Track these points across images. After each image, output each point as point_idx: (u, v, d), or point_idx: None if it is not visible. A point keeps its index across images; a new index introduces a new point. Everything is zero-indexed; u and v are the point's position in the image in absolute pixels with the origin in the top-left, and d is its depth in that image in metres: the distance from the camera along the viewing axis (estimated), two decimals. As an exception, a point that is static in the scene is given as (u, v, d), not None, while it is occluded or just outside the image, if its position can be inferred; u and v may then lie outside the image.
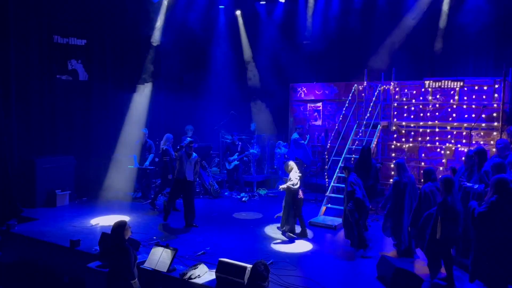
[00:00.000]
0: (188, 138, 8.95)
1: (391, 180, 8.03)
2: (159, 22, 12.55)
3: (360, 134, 10.39)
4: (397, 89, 11.01)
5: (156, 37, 12.55)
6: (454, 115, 10.38)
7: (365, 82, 11.11)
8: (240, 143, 11.62)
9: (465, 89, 10.20)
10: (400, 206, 6.77)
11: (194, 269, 5.89)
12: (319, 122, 12.60)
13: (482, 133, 10.08)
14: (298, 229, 7.92)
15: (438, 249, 5.66)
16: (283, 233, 7.86)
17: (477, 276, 5.27)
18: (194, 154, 8.58)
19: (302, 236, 7.77)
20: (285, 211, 7.84)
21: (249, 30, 14.38)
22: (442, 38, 11.76)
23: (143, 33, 12.27)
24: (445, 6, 11.64)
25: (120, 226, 5.10)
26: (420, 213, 6.13)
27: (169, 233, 7.96)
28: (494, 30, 11.05)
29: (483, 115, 9.89)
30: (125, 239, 5.11)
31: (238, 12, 14.29)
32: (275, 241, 7.55)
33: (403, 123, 10.93)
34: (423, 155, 10.75)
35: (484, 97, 10.07)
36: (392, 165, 9.72)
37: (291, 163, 7.90)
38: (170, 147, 9.90)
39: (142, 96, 12.29)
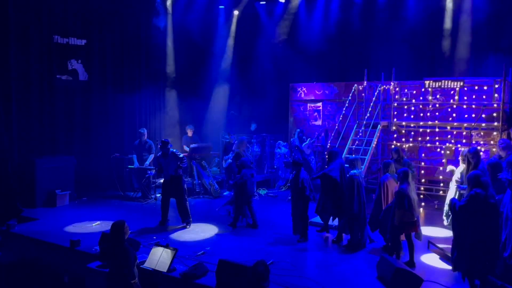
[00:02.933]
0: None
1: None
2: (160, 22, 12.57)
3: (360, 134, 10.39)
4: (397, 89, 11.00)
5: (156, 37, 12.56)
6: (454, 115, 10.38)
7: (365, 82, 11.10)
8: (236, 142, 11.54)
9: (465, 89, 10.19)
10: (351, 199, 7.08)
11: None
12: (319, 122, 12.59)
13: (482, 133, 10.07)
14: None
15: (398, 233, 6.37)
16: None
17: (459, 267, 5.58)
18: (170, 150, 8.43)
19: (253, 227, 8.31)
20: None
21: (249, 30, 14.38)
22: (442, 38, 11.78)
23: (143, 33, 12.27)
24: (446, 6, 11.65)
25: (118, 226, 5.11)
26: (379, 201, 6.95)
27: (169, 233, 7.96)
28: (494, 29, 11.06)
29: (483, 115, 9.88)
30: (124, 239, 5.11)
31: (236, 12, 14.30)
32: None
33: (403, 123, 10.92)
34: (423, 155, 10.74)
35: (484, 97, 10.06)
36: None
37: None
38: (245, 150, 9.47)
39: (142, 96, 12.31)
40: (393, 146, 10.19)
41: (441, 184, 10.23)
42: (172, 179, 8.35)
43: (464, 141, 10.13)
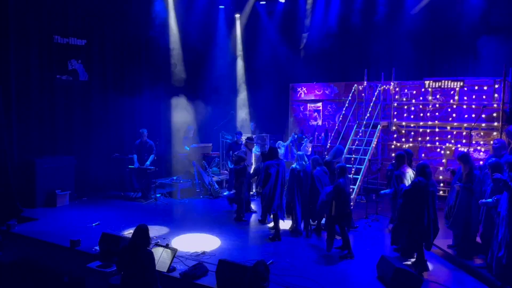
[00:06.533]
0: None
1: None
2: (160, 22, 12.56)
3: (360, 134, 10.40)
4: (397, 89, 11.01)
5: (156, 37, 12.55)
6: (454, 115, 10.39)
7: (365, 82, 11.11)
8: (242, 142, 11.51)
9: (465, 89, 10.20)
10: (292, 189, 7.89)
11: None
12: (319, 122, 12.60)
13: (482, 133, 10.08)
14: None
15: (334, 223, 6.88)
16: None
17: (396, 242, 6.43)
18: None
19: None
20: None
21: (249, 30, 14.38)
22: (442, 38, 11.77)
23: (143, 33, 12.27)
24: (445, 5, 11.65)
25: (144, 229, 5.01)
26: (312, 192, 7.70)
27: (169, 233, 7.96)
28: (494, 29, 11.05)
29: (483, 115, 9.89)
30: (150, 242, 5.03)
31: (237, 14, 14.29)
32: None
33: (403, 123, 10.93)
34: (423, 155, 10.75)
35: (484, 97, 10.07)
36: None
37: None
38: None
39: (142, 96, 12.30)
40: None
41: (441, 184, 10.23)
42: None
43: (464, 141, 10.14)
